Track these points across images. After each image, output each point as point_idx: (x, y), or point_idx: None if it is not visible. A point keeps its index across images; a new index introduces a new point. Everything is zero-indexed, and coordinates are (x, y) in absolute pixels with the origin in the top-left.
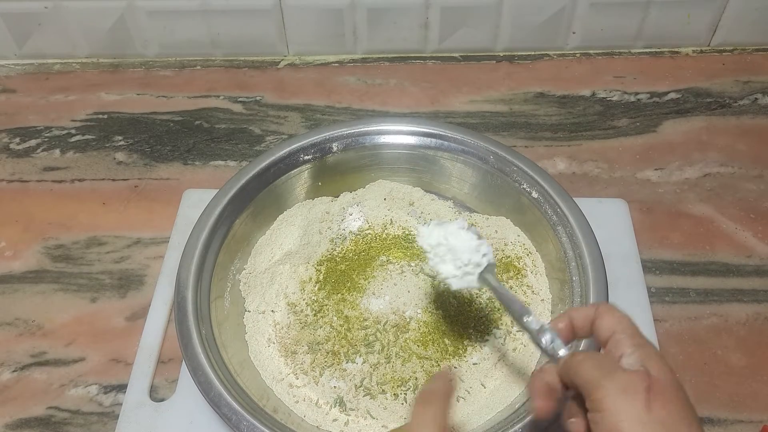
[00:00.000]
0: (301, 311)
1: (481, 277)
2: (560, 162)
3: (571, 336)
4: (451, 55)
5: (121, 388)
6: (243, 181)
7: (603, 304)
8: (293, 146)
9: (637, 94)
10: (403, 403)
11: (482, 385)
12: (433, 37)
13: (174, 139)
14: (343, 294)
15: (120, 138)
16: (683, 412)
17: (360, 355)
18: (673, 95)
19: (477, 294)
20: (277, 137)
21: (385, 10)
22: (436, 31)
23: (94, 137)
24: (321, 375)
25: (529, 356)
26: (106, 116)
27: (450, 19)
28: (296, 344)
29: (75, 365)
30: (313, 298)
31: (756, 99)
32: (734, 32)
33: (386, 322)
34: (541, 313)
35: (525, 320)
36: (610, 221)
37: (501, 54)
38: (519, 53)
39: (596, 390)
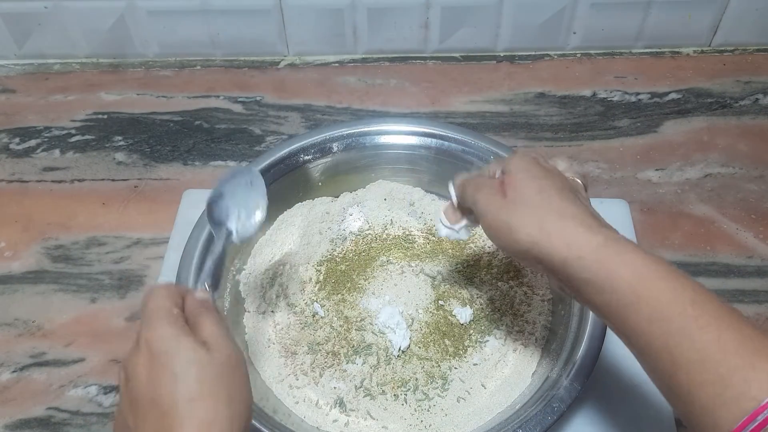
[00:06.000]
0: (301, 312)
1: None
2: (561, 162)
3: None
4: (452, 55)
5: None
6: None
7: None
8: (293, 146)
9: (637, 94)
10: (403, 404)
11: (482, 386)
12: (433, 37)
13: (174, 140)
14: (343, 294)
15: (120, 138)
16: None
17: (360, 356)
18: (673, 95)
19: (477, 294)
20: (277, 137)
21: (385, 10)
22: (437, 31)
23: (93, 137)
24: (321, 376)
25: (530, 357)
26: (105, 116)
27: (450, 19)
28: (296, 345)
29: (75, 366)
30: (313, 298)
31: (757, 99)
32: (735, 32)
33: None
34: (541, 312)
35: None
36: (610, 221)
37: (501, 54)
38: (519, 53)
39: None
